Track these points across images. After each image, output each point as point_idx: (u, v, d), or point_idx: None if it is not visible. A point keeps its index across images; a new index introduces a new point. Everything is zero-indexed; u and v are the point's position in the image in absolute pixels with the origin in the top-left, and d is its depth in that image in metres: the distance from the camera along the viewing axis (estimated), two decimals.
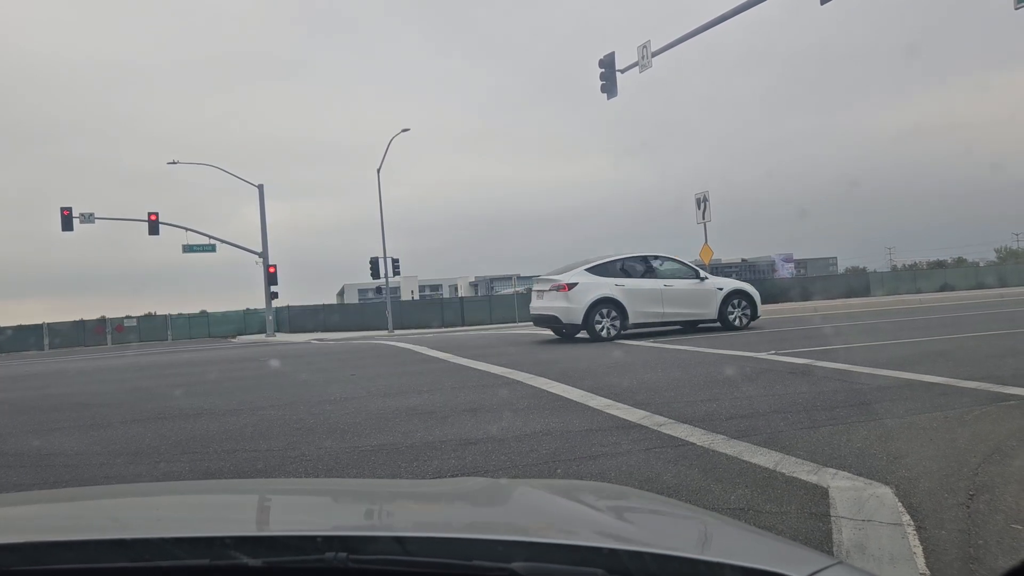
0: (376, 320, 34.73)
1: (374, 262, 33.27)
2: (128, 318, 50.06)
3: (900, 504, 3.30)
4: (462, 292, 55.12)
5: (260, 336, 38.61)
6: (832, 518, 3.18)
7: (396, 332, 30.00)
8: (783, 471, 3.95)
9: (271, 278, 36.53)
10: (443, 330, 31.39)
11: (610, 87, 19.32)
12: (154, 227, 34.68)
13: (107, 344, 46.52)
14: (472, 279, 58.26)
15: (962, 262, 59.94)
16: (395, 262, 34.08)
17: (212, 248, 36.86)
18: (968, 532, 3.00)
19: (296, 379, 10.36)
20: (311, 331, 37.94)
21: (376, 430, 5.79)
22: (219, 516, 1.53)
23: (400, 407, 6.82)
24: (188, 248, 36.44)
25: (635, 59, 18.92)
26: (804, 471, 3.91)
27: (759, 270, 73.83)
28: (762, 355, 9.29)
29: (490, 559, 1.01)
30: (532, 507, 1.48)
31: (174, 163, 36.73)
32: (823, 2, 14.79)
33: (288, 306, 42.56)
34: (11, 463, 5.53)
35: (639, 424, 5.39)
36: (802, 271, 74.00)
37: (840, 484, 3.63)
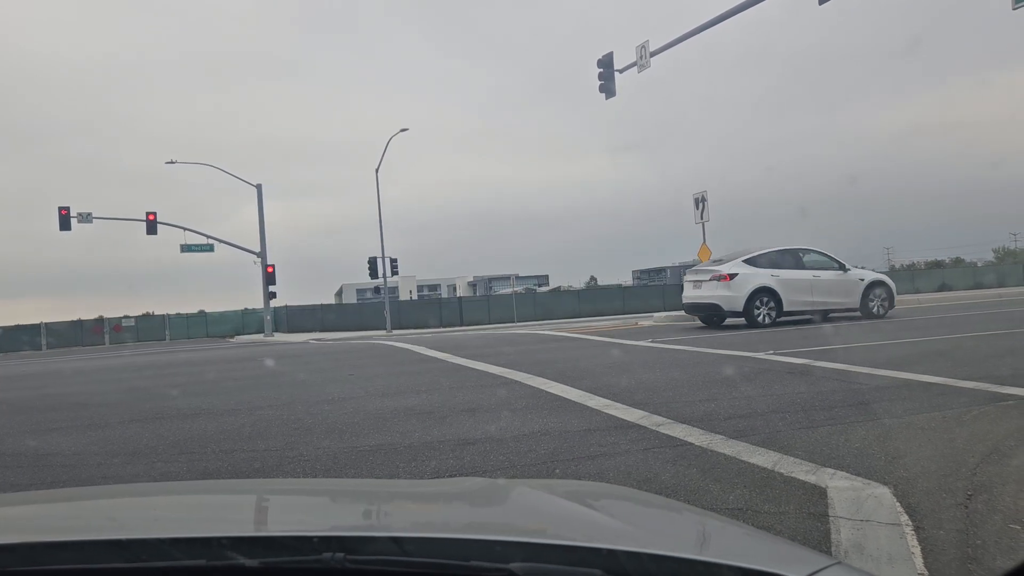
0: (374, 320, 34.72)
1: (372, 262, 33.29)
2: (126, 318, 49.95)
3: (898, 504, 3.30)
4: (460, 292, 54.94)
5: (258, 336, 38.57)
6: (830, 518, 3.18)
7: (394, 332, 29.99)
8: (781, 471, 3.95)
9: (269, 278, 36.51)
10: (441, 330, 31.40)
11: (608, 87, 19.33)
12: (152, 227, 34.65)
13: (105, 344, 46.42)
14: (470, 279, 58.12)
15: (960, 262, 59.85)
16: (393, 262, 34.08)
17: (210, 248, 36.82)
18: (966, 532, 3.00)
19: (294, 379, 10.35)
20: (309, 331, 37.91)
21: (374, 430, 5.78)
22: (216, 516, 1.53)
23: (398, 407, 6.82)
24: (186, 248, 36.42)
25: (634, 59, 18.95)
26: (802, 471, 3.92)
27: None
28: (760, 355, 9.30)
29: (488, 559, 1.01)
30: (530, 507, 1.48)
31: (172, 163, 36.75)
32: (821, 2, 14.82)
33: (286, 306, 42.51)
34: (8, 463, 5.52)
35: (637, 424, 5.39)
36: None
37: (838, 484, 3.63)
